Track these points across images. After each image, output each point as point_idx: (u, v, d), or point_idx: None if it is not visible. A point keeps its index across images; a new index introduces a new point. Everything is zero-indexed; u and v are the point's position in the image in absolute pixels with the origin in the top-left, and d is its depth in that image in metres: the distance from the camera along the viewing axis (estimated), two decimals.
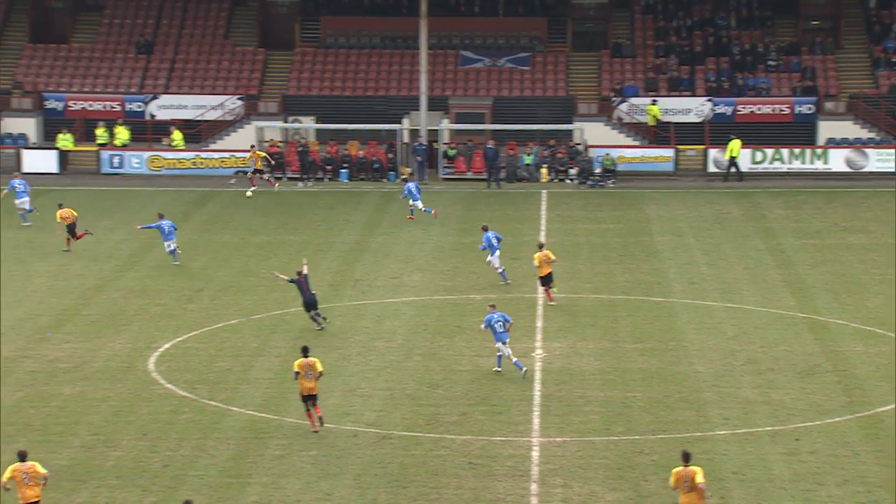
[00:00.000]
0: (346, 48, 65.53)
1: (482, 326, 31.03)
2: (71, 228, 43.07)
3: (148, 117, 62.04)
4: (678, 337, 34.02)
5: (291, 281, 34.73)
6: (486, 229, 39.31)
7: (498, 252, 38.88)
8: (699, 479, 21.98)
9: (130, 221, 48.05)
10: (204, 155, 59.22)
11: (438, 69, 63.48)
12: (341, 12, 66.68)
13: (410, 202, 47.89)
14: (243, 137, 60.14)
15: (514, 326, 35.13)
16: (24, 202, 47.43)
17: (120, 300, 37.21)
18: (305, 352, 27.41)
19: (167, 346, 33.00)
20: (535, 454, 26.14)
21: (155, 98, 62.59)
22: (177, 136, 59.97)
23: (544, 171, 58.54)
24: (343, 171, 58.64)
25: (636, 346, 33.31)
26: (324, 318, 34.47)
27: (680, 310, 36.62)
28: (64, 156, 58.94)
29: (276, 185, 53.82)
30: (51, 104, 62.24)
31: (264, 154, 54.52)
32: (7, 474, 21.98)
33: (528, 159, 59.01)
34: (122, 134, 59.80)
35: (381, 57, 65.14)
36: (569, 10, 66.75)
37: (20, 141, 60.83)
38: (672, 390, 29.90)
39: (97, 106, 62.20)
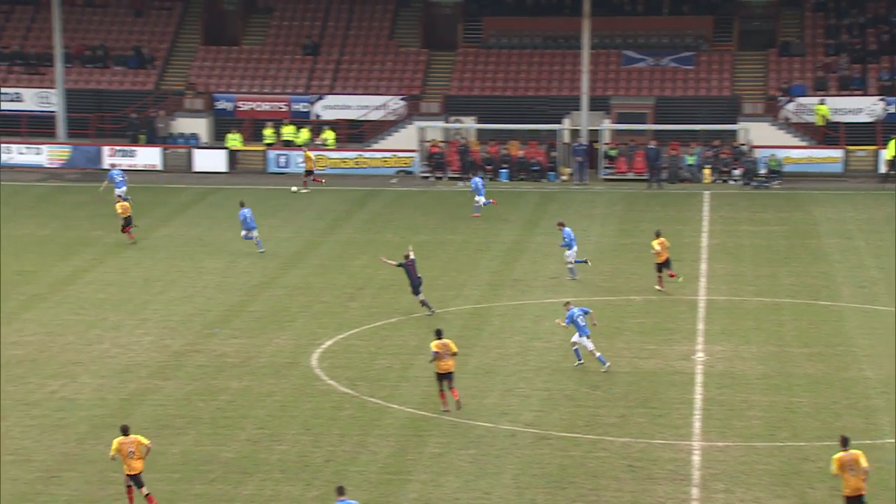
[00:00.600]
0: (507, 48, 65.65)
1: (563, 323, 30.93)
2: (128, 221, 44.14)
3: (313, 117, 63.22)
4: (846, 342, 33.13)
5: (399, 265, 35.68)
6: (562, 225, 39.51)
7: (575, 248, 39.03)
8: (864, 462, 21.87)
9: (295, 220, 49.07)
10: (366, 154, 60.07)
11: (600, 69, 63.09)
12: (504, 13, 66.84)
13: (476, 198, 48.60)
14: (405, 137, 60.80)
15: (675, 329, 34.79)
16: (122, 192, 48.71)
17: (284, 297, 37.99)
18: (439, 334, 28.04)
19: (329, 343, 33.55)
20: (697, 458, 25.77)
21: (320, 98, 63.74)
22: (329, 135, 61.03)
23: (707, 171, 57.63)
24: (503, 170, 58.76)
25: (802, 350, 32.54)
26: (429, 307, 35.41)
27: (849, 314, 35.64)
28: (233, 155, 60.47)
29: (324, 179, 54.58)
30: (221, 104, 63.93)
31: (314, 157, 55.39)
32: (113, 448, 23.05)
33: (690, 160, 58.19)
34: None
35: (543, 57, 65.06)
36: (736, 9, 65.60)
37: (191, 140, 62.65)
38: (839, 396, 29.13)
39: (265, 106, 63.64)
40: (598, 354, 30.87)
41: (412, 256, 35.74)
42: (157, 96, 64.27)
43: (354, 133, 62.11)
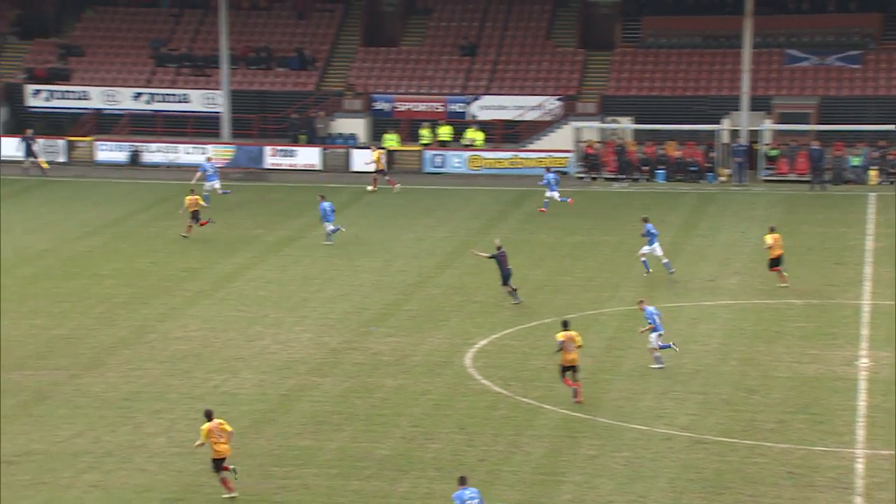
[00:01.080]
0: (666, 48, 64.89)
1: (648, 323, 30.89)
2: (195, 215, 45.11)
3: (469, 117, 63.50)
4: None
5: (491, 256, 36.94)
6: (646, 221, 39.59)
7: (656, 244, 39.10)
8: None
9: (450, 220, 49.38)
10: (522, 155, 60.08)
11: (762, 68, 61.87)
12: (663, 12, 66.09)
13: (547, 193, 49.36)
14: (561, 138, 60.61)
15: (838, 334, 34.03)
16: (215, 184, 50.30)
17: (439, 296, 38.24)
18: (566, 325, 28.79)
19: (483, 342, 33.65)
20: (860, 466, 25.09)
21: (477, 99, 63.99)
22: (478, 135, 61.20)
23: (873, 173, 56.02)
24: (660, 171, 58.11)
25: None
26: (516, 297, 36.68)
27: None
28: (390, 155, 61.15)
29: (397, 185, 54.58)
30: (379, 105, 64.71)
31: (379, 155, 55.41)
32: (203, 434, 24.08)
33: (855, 161, 56.62)
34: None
35: (703, 56, 64.12)
36: None
37: (350, 141, 63.61)
38: None
39: (421, 107, 64.19)
40: (661, 344, 30.88)
41: (503, 249, 36.71)
42: (318, 97, 65.40)
43: (510, 133, 62.18)
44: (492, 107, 63.65)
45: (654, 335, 30.91)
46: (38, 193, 54.83)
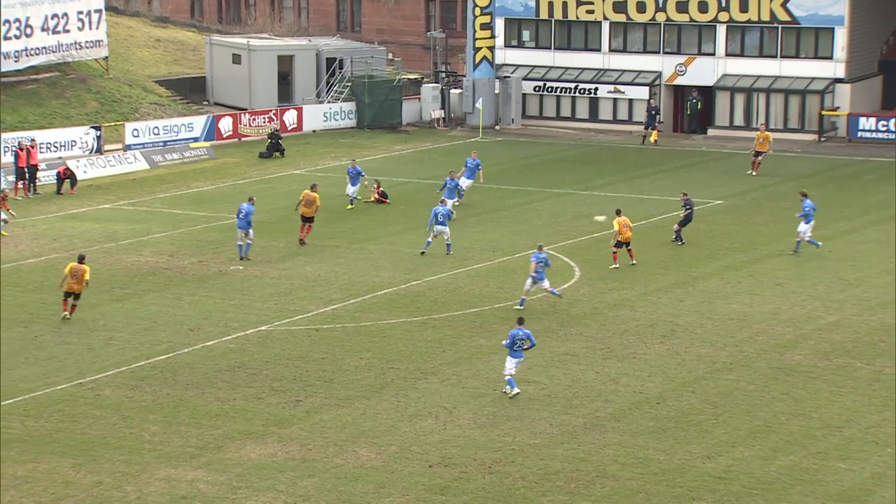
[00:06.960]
0: None
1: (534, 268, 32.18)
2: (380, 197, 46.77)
3: None
4: None
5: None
6: (805, 196, 38.38)
7: (812, 223, 37.88)
8: None
9: None
10: None
11: None
12: None
13: None
14: None
15: None
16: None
17: None
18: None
19: None
20: None
21: None
22: None
23: None
24: None
25: None
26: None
27: None
28: None
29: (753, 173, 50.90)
30: None
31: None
32: (67, 270, 31.96)
33: None
34: None
35: None
36: None
37: None
38: None
39: None
40: (552, 290, 32.50)
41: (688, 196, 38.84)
42: None
43: None
44: None
45: (529, 280, 32.12)
46: None
